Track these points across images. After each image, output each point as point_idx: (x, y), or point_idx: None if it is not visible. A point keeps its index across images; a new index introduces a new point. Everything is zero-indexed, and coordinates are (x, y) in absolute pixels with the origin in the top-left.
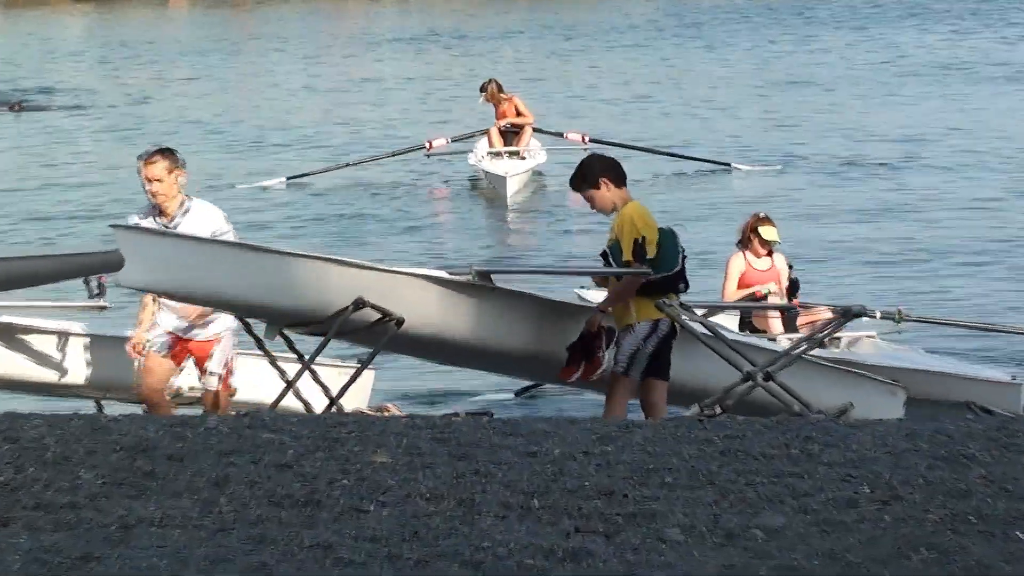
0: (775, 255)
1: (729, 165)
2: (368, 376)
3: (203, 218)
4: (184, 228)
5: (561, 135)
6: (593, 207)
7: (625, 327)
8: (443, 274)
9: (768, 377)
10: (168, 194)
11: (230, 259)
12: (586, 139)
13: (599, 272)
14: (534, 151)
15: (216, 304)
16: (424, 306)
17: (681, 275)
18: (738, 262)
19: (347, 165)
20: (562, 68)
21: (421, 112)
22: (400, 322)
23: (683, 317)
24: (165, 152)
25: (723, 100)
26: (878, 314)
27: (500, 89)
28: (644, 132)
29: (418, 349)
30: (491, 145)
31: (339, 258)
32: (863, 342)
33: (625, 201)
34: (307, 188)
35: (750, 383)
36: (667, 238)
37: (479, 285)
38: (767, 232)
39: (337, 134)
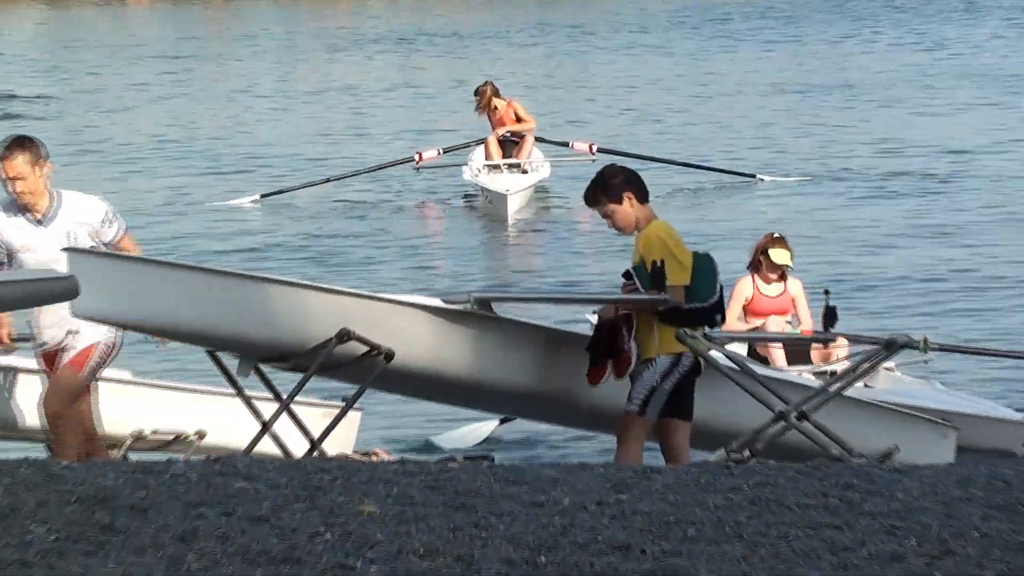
0: (789, 280)
1: (754, 176)
2: (354, 417)
3: (83, 210)
4: (62, 225)
5: (567, 144)
6: (613, 225)
7: (644, 360)
8: (438, 302)
9: (803, 416)
10: (35, 191)
11: (200, 286)
12: (594, 149)
13: (617, 299)
14: (536, 163)
15: (184, 336)
16: (416, 338)
17: (719, 306)
18: (745, 286)
19: (327, 180)
20: (567, 70)
21: (410, 121)
22: (389, 356)
23: (707, 350)
24: (25, 144)
25: (746, 105)
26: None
27: (497, 93)
28: (658, 141)
29: (410, 386)
30: (488, 157)
31: (321, 285)
32: (880, 375)
33: (649, 219)
34: (283, 207)
35: (783, 423)
36: (704, 263)
37: (478, 314)
38: (777, 255)
39: (317, 146)
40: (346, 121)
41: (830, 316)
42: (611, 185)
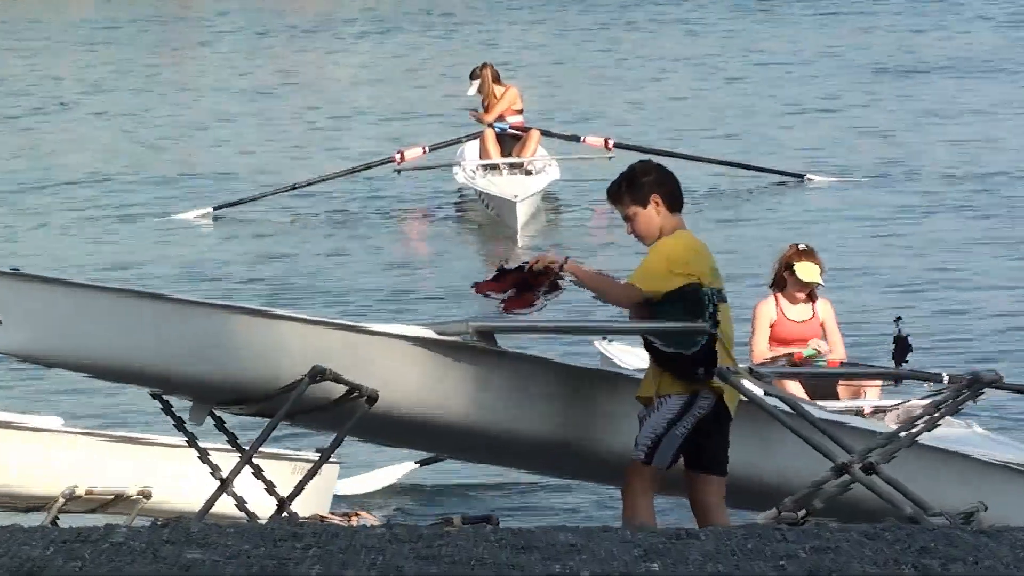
0: (819, 300)
1: (802, 177)
2: (330, 471)
3: None
4: None
5: (578, 139)
6: (632, 231)
7: (648, 398)
8: (430, 333)
9: (870, 468)
10: None
11: (144, 315)
12: (610, 144)
13: (643, 328)
14: (543, 163)
15: (124, 375)
16: (405, 377)
17: (705, 359)
18: (767, 309)
19: (293, 187)
20: (578, 51)
21: (391, 113)
22: (372, 398)
23: (748, 386)
24: None
25: (794, 91)
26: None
27: (497, 78)
28: (686, 135)
29: (397, 434)
30: (485, 155)
31: (289, 313)
32: (905, 412)
33: (674, 231)
34: (241, 220)
35: (845, 476)
36: (699, 298)
37: (479, 348)
38: (804, 271)
39: (281, 148)
40: (317, 117)
41: (902, 348)
42: (640, 183)
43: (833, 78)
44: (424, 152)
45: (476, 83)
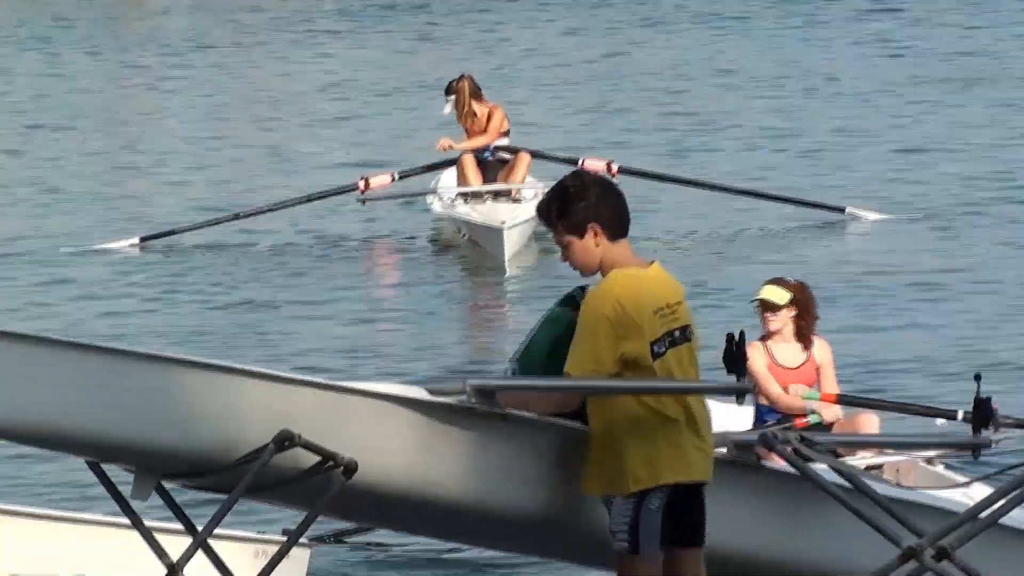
0: (816, 343)
1: (843, 210)
2: (300, 556)
3: None
4: None
5: (576, 162)
6: (567, 260)
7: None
8: (420, 393)
9: (943, 555)
10: None
11: (77, 368)
12: (614, 168)
13: (672, 387)
14: (534, 190)
15: (54, 441)
16: (389, 444)
17: None
18: (756, 357)
19: (236, 217)
20: (576, 60)
21: (356, 135)
22: (350, 469)
23: (797, 457)
24: None
25: (834, 111)
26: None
27: (477, 94)
28: (706, 159)
29: (379, 511)
30: (464, 181)
31: (251, 368)
32: (919, 471)
33: (614, 265)
34: (174, 254)
35: (914, 563)
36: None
37: (477, 410)
38: (766, 292)
39: (226, 170)
40: (269, 135)
41: (983, 413)
42: (574, 208)
43: (880, 95)
44: (393, 179)
45: (452, 100)
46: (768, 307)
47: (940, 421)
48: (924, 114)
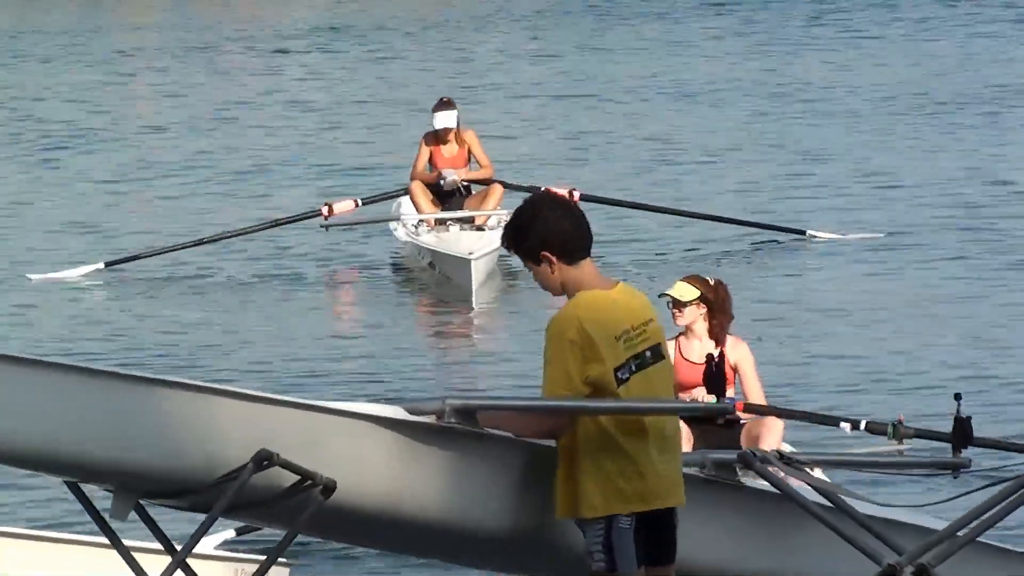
0: (730, 341)
1: (803, 233)
2: (279, 575)
3: None
4: None
5: (538, 190)
6: (537, 280)
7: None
8: (399, 412)
9: (923, 572)
10: None
11: (56, 388)
12: (576, 195)
13: (655, 408)
14: (497, 218)
15: (33, 461)
16: (367, 463)
17: None
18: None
19: (200, 243)
20: (538, 80)
21: (324, 157)
22: (329, 488)
23: (775, 473)
24: None
25: (797, 130)
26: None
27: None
28: (667, 183)
29: (357, 530)
30: (418, 207)
31: (230, 388)
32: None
33: (579, 286)
34: (136, 279)
35: None
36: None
37: (457, 429)
38: (674, 289)
39: (190, 192)
40: (234, 157)
41: (962, 432)
42: (525, 238)
43: (841, 118)
44: (356, 206)
45: (452, 114)
46: (676, 303)
47: (844, 425)
48: (883, 136)
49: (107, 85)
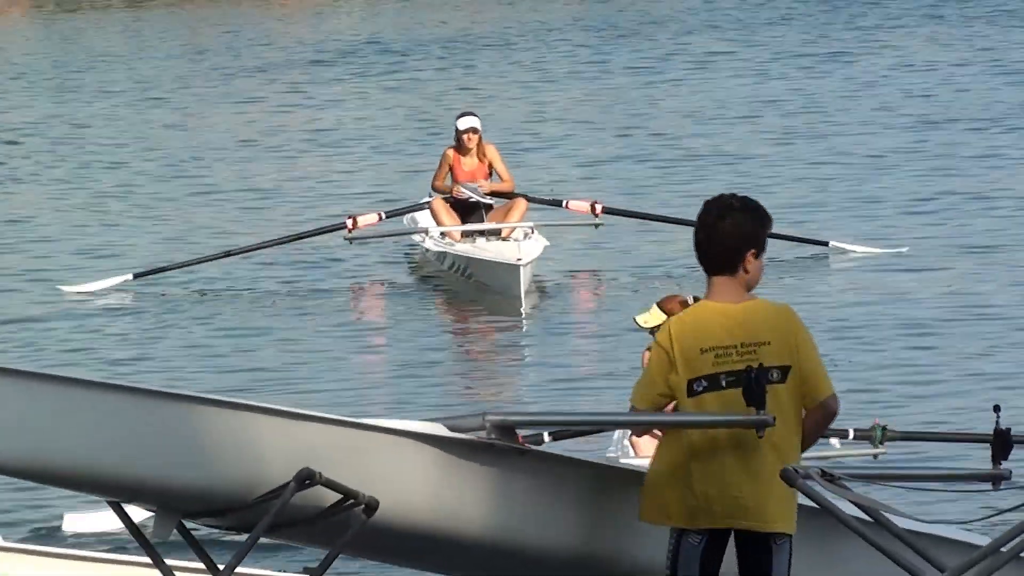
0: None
1: (826, 244)
2: None
3: None
4: None
5: (560, 203)
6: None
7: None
8: (439, 429)
9: None
10: None
11: (98, 408)
12: (598, 209)
13: (693, 421)
14: (523, 231)
15: (76, 481)
16: (409, 481)
17: None
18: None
19: (226, 254)
20: (555, 100)
21: (350, 172)
22: (371, 507)
23: (820, 490)
24: None
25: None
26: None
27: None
28: (690, 195)
29: (399, 549)
30: (440, 222)
31: (271, 406)
32: None
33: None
34: (166, 291)
35: None
36: None
37: (497, 446)
38: (639, 316)
39: (216, 207)
40: (258, 172)
41: (1002, 444)
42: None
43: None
44: (380, 218)
45: (475, 119)
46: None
47: (833, 441)
48: (902, 147)
49: (138, 102)
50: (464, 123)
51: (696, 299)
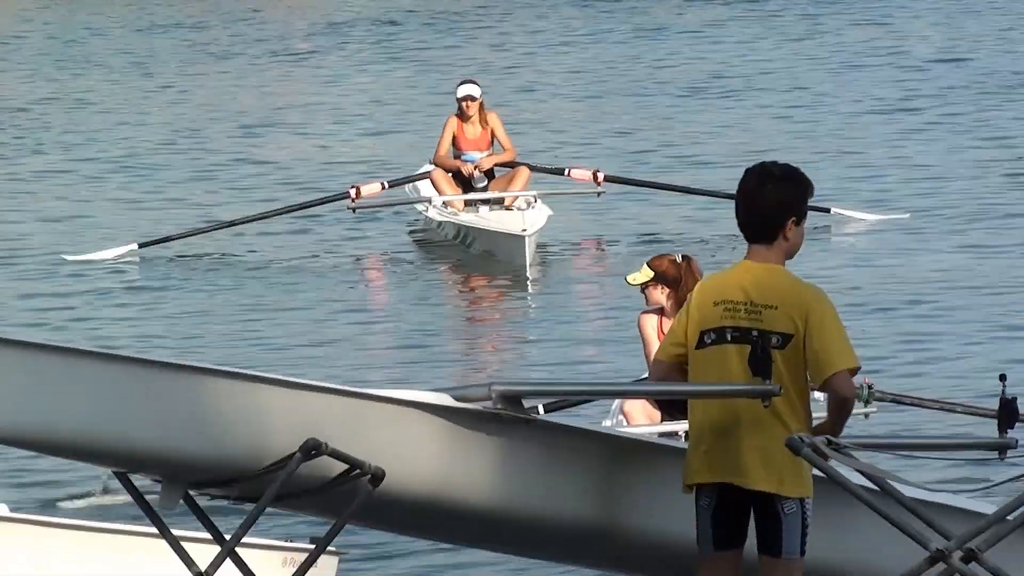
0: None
1: (828, 210)
2: (329, 563)
3: None
4: None
5: (562, 172)
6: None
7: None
8: (445, 399)
9: (971, 556)
10: None
11: (102, 379)
12: (600, 177)
13: (700, 391)
14: (525, 200)
15: (82, 452)
16: (415, 451)
17: None
18: (647, 323)
19: (233, 224)
20: (556, 69)
21: (354, 140)
22: (377, 477)
23: (826, 461)
24: None
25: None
26: None
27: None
28: (691, 164)
29: (406, 519)
30: (439, 190)
31: (276, 376)
32: None
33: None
34: (171, 260)
35: (941, 566)
36: None
37: (503, 415)
38: (630, 275)
39: (221, 175)
40: (261, 142)
41: (1008, 413)
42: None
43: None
44: (383, 188)
45: (475, 87)
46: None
47: (817, 395)
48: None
49: (142, 77)
50: (462, 91)
51: (684, 256)
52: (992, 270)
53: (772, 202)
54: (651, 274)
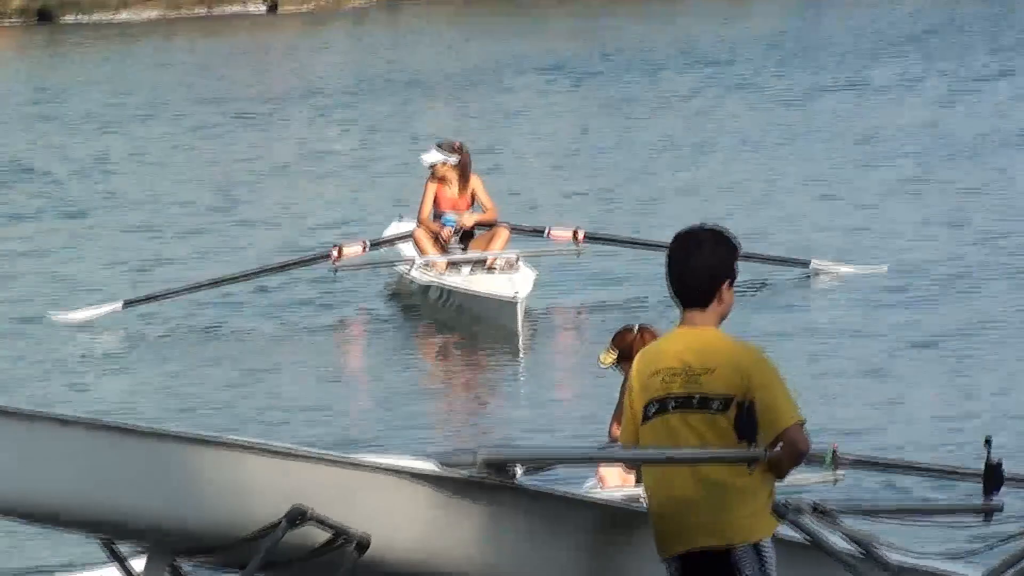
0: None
1: (807, 264)
2: None
3: None
4: None
5: (542, 232)
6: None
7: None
8: (431, 466)
9: None
10: None
11: (87, 447)
12: (580, 236)
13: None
14: (506, 260)
15: (66, 520)
16: (401, 519)
17: None
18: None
19: (217, 283)
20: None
21: (334, 201)
22: (363, 544)
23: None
24: None
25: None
26: None
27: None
28: (665, 221)
29: None
30: (421, 250)
31: (262, 444)
32: None
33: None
34: (154, 319)
35: None
36: None
37: (489, 483)
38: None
39: (205, 233)
40: (246, 200)
41: (994, 477)
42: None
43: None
44: (365, 248)
45: (434, 153)
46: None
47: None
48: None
49: (130, 132)
50: (426, 159)
51: (641, 327)
52: (968, 324)
53: (705, 267)
54: (613, 356)
